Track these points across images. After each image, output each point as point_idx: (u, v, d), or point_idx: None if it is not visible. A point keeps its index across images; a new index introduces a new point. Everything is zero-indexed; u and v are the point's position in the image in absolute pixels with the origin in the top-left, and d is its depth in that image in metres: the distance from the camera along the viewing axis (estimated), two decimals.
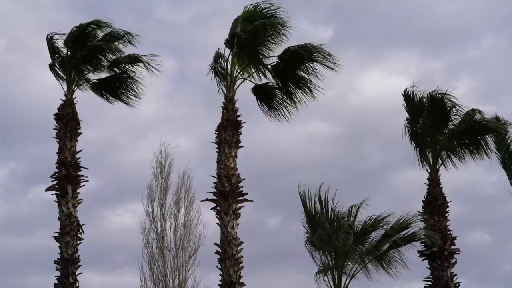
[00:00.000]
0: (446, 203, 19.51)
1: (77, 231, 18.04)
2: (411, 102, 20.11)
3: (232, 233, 17.49)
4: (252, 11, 18.64)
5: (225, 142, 18.00)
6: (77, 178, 18.36)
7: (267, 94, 19.61)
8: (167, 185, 31.00)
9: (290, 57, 18.67)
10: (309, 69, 18.92)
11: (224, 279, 17.32)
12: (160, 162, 31.29)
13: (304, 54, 18.51)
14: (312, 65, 18.82)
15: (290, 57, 18.67)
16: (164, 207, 30.58)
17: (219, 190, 17.77)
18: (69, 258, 17.72)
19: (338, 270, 17.75)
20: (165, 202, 30.69)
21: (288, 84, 19.30)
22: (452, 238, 19.29)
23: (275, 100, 19.62)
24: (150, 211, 30.46)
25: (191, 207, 30.61)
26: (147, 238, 30.05)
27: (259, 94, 19.65)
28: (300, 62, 18.83)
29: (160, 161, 31.31)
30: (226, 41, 18.75)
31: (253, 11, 18.65)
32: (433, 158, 19.90)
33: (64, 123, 18.58)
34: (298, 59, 18.73)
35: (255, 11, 18.65)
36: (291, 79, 19.21)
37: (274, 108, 19.74)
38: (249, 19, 18.65)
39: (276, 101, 19.64)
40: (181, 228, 30.22)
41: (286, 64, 18.87)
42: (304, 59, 18.66)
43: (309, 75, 19.04)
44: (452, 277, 18.99)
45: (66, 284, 17.56)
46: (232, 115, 18.23)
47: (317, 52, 18.51)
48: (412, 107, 20.12)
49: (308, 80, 19.08)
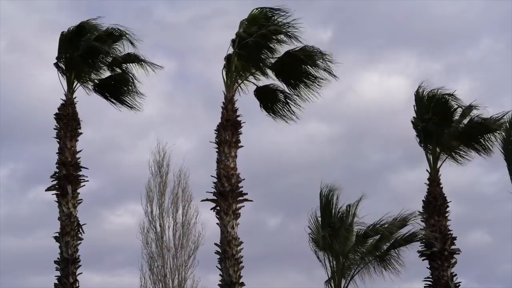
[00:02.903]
0: (446, 203, 19.54)
1: (77, 231, 18.02)
2: (418, 102, 20.13)
3: (232, 233, 17.50)
4: (257, 14, 18.65)
5: (225, 142, 18.01)
6: (77, 178, 18.32)
7: (269, 96, 19.61)
8: (165, 184, 30.97)
9: (291, 59, 18.70)
10: (310, 71, 18.95)
11: (224, 279, 17.33)
12: (157, 161, 31.27)
13: (304, 57, 18.54)
14: (312, 69, 18.86)
15: (291, 59, 18.70)
16: (163, 206, 30.60)
17: (219, 190, 17.78)
18: (69, 258, 17.70)
19: (339, 270, 17.79)
20: (164, 201, 30.70)
21: (289, 85, 19.32)
22: (452, 238, 19.31)
23: (277, 102, 19.61)
24: (149, 211, 30.47)
25: (188, 206, 30.62)
26: (146, 238, 30.07)
27: (261, 97, 19.64)
28: (301, 65, 18.84)
29: (157, 160, 31.29)
30: (232, 41, 18.79)
31: (258, 14, 18.65)
32: (434, 158, 19.93)
33: (65, 123, 18.55)
34: (299, 62, 18.74)
35: (261, 13, 18.66)
36: (292, 81, 19.23)
37: (276, 111, 19.73)
38: (254, 22, 18.66)
39: (278, 104, 19.63)
40: (179, 228, 30.27)
41: (287, 66, 18.90)
42: (305, 62, 18.68)
43: (309, 77, 19.05)
44: (452, 277, 19.02)
45: (66, 284, 17.55)
46: (232, 115, 18.24)
47: (317, 56, 18.54)
48: (419, 106, 20.16)
49: (309, 83, 19.09)
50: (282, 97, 19.50)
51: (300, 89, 19.21)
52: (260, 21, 18.62)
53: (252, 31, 18.48)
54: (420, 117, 20.11)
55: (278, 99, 19.58)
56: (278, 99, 19.57)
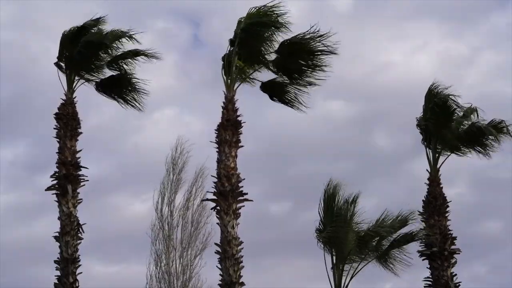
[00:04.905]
0: (446, 203, 19.53)
1: (77, 231, 18.06)
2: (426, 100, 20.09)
3: (232, 233, 17.51)
4: (254, 13, 18.63)
5: (225, 142, 18.02)
6: (77, 177, 18.36)
7: (277, 88, 19.68)
8: (178, 182, 30.83)
9: (288, 49, 18.70)
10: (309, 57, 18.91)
11: (224, 279, 17.36)
12: (174, 158, 31.03)
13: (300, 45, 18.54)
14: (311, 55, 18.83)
15: (288, 49, 18.70)
16: (173, 204, 30.51)
17: (219, 190, 17.80)
18: (69, 257, 17.73)
19: (339, 269, 17.81)
20: (174, 199, 30.59)
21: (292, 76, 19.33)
22: (452, 238, 19.31)
23: (286, 93, 19.68)
24: (159, 209, 30.38)
25: (200, 206, 30.44)
26: (155, 235, 29.98)
27: (269, 90, 19.75)
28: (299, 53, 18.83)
29: (174, 157, 31.04)
30: (229, 40, 18.79)
31: (255, 13, 18.64)
32: (434, 158, 19.92)
33: (65, 122, 18.56)
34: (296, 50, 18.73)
35: (258, 11, 18.64)
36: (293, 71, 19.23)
37: (286, 101, 19.78)
38: (251, 20, 18.64)
39: (287, 94, 19.69)
40: (188, 227, 30.23)
41: (287, 57, 18.90)
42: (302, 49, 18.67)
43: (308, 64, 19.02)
44: (452, 277, 19.02)
45: (66, 284, 17.57)
46: (232, 115, 18.24)
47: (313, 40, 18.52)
48: (425, 105, 20.14)
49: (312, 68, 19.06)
50: (290, 88, 19.55)
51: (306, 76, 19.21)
52: (258, 19, 18.61)
53: (251, 28, 18.48)
54: (424, 116, 20.09)
55: (286, 91, 19.64)
56: (286, 91, 19.63)
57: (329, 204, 18.10)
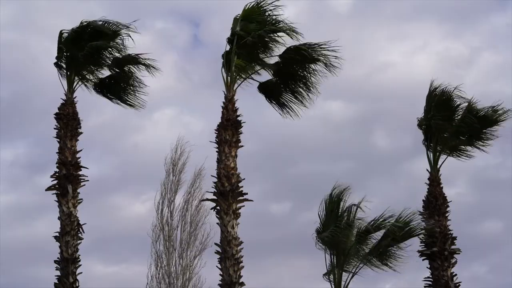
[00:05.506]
0: (446, 203, 19.51)
1: (77, 231, 18.06)
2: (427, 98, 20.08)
3: (232, 233, 17.50)
4: (251, 10, 18.59)
5: (225, 141, 18.01)
6: (78, 177, 18.36)
7: (274, 90, 19.66)
8: (178, 183, 30.90)
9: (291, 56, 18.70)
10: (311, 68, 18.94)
11: (224, 279, 17.35)
12: (173, 159, 31.12)
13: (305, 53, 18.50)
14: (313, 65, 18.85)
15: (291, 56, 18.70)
16: (173, 205, 30.57)
17: (219, 189, 17.78)
18: (69, 258, 17.72)
19: (339, 268, 17.80)
20: (174, 200, 30.68)
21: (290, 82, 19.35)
22: (452, 238, 19.29)
23: (283, 96, 19.66)
24: (160, 209, 30.44)
25: (199, 206, 30.53)
26: (156, 236, 30.06)
27: (266, 91, 19.71)
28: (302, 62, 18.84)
29: (173, 158, 31.13)
30: (228, 39, 18.76)
31: (252, 10, 18.60)
32: (434, 157, 19.92)
33: (65, 122, 18.56)
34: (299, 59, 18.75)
35: (255, 9, 18.61)
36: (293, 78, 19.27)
37: (283, 104, 19.78)
38: (249, 18, 18.63)
39: (284, 97, 19.69)
40: (187, 228, 30.23)
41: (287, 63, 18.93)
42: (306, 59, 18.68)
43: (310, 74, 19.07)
44: (452, 277, 19.00)
45: (66, 284, 17.58)
46: (232, 115, 18.22)
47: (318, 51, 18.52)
48: (427, 103, 20.11)
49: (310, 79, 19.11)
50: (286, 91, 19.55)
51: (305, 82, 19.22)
52: (256, 18, 18.60)
53: (250, 29, 18.46)
54: (425, 116, 20.08)
55: (282, 92, 19.61)
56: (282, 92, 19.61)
57: (332, 208, 18.05)
